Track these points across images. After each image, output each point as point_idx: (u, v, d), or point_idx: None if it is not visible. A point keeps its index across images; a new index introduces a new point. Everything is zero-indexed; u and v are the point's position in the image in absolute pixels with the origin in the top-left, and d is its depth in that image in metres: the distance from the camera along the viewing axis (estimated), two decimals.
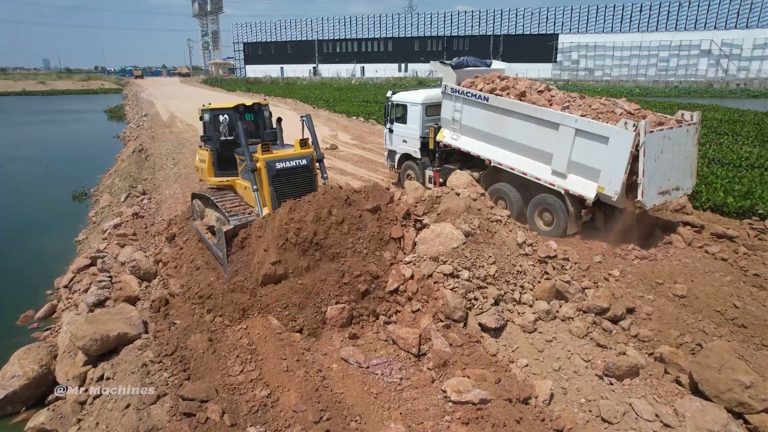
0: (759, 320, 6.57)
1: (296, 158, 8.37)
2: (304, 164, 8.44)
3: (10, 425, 5.81)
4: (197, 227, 9.43)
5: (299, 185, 8.39)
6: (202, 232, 9.05)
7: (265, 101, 10.17)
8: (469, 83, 11.19)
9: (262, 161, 8.06)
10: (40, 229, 13.27)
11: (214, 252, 8.30)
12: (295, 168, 8.34)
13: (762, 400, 5.16)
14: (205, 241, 8.86)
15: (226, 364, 5.76)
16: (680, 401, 5.50)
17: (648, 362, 6.15)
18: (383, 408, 5.14)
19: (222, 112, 9.38)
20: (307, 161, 8.47)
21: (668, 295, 7.34)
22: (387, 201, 7.73)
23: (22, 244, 12.14)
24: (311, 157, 8.59)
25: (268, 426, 4.86)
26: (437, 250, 7.10)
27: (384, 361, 5.93)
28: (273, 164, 8.12)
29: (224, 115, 9.32)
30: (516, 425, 4.98)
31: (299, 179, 8.44)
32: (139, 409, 5.05)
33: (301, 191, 8.16)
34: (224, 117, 9.29)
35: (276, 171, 8.13)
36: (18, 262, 10.98)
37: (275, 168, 8.12)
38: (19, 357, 6.14)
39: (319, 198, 7.36)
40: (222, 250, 7.57)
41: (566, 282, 7.17)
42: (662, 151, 8.52)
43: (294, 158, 8.35)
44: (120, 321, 6.39)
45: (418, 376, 5.68)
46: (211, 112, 9.46)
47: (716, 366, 5.46)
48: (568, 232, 9.22)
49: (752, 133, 21.84)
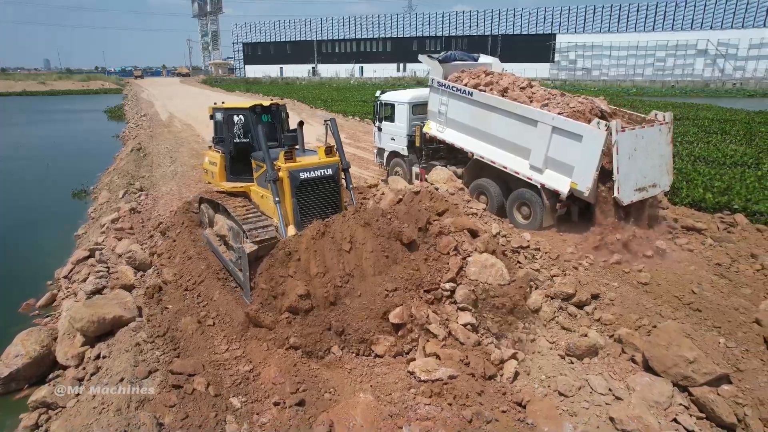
0: (712, 305, 7.02)
1: (321, 167, 7.67)
2: (330, 174, 7.76)
3: (14, 400, 6.27)
4: (208, 237, 8.95)
5: (324, 197, 7.78)
6: (215, 244, 8.58)
7: (282, 101, 9.53)
8: (455, 77, 11.59)
9: (284, 170, 7.36)
10: (41, 225, 13.75)
11: (231, 269, 7.84)
12: (319, 178, 7.65)
13: (704, 374, 5.60)
14: (218, 255, 8.38)
15: (213, 344, 6.24)
16: (632, 377, 5.94)
17: (607, 343, 6.60)
18: (356, 381, 5.60)
19: (237, 112, 8.62)
20: (332, 171, 7.80)
21: (633, 283, 7.79)
22: (424, 223, 7.24)
23: (24, 239, 12.62)
24: (337, 167, 7.91)
25: (249, 396, 5.32)
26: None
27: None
28: (297, 174, 7.43)
29: (239, 115, 8.56)
30: (477, 397, 5.43)
31: (324, 190, 7.79)
32: (132, 383, 5.51)
33: (326, 203, 7.77)
34: (239, 118, 8.54)
35: (300, 182, 7.45)
36: (20, 256, 11.47)
37: (299, 178, 7.44)
38: (21, 338, 6.60)
39: (346, 229, 6.78)
40: (244, 273, 6.98)
41: (536, 270, 7.62)
42: (636, 150, 8.94)
43: (319, 167, 7.66)
44: (116, 305, 6.87)
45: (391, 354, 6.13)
46: (225, 112, 8.78)
47: (665, 344, 5.90)
48: (544, 225, 9.66)
49: (741, 132, 22.24)
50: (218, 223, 8.63)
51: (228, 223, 8.22)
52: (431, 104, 11.92)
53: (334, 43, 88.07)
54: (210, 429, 4.93)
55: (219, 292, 7.30)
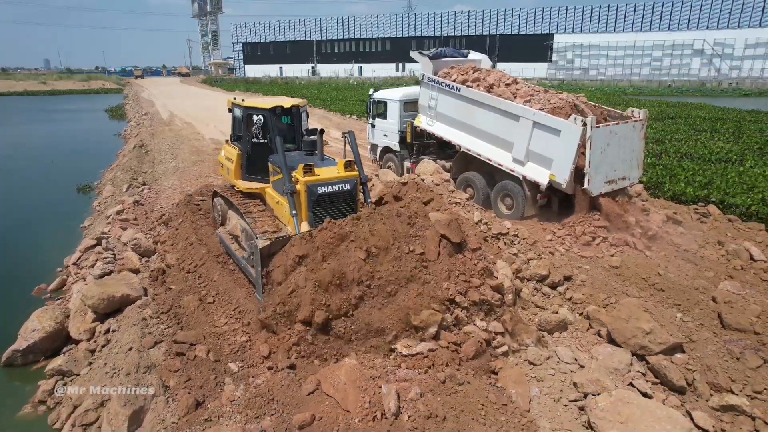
0: (675, 285, 7.58)
1: (340, 182, 7.53)
2: (348, 189, 7.62)
3: (32, 371, 6.85)
4: (221, 236, 8.91)
5: (341, 212, 7.53)
6: (228, 242, 8.56)
7: (302, 102, 9.14)
8: (445, 73, 12.16)
9: (302, 183, 7.23)
10: (49, 218, 14.34)
11: (243, 267, 7.80)
12: (338, 193, 7.53)
13: (659, 344, 6.17)
14: (232, 254, 8.36)
15: (213, 319, 6.81)
16: (596, 348, 6.51)
17: (576, 319, 7.17)
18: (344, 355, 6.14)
19: (257, 111, 8.48)
20: (350, 186, 7.65)
21: (604, 266, 8.35)
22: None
23: (33, 231, 13.22)
24: (355, 182, 7.77)
25: (245, 362, 5.89)
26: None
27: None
28: (315, 188, 7.29)
29: (259, 116, 8.42)
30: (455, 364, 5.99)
31: (341, 205, 7.63)
32: (140, 351, 6.08)
33: (343, 218, 7.17)
34: (258, 118, 8.40)
35: (317, 196, 7.34)
36: (30, 246, 12.04)
37: (317, 193, 7.32)
38: (38, 315, 7.18)
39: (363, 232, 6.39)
40: (257, 269, 6.72)
41: (513, 254, 8.19)
42: (609, 145, 9.50)
43: (338, 182, 7.51)
44: (124, 285, 7.45)
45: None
46: (245, 110, 8.66)
47: (625, 318, 6.47)
48: (526, 215, 10.22)
49: (730, 130, 22.73)
50: (231, 221, 8.70)
51: (242, 224, 8.22)
52: (422, 99, 12.48)
53: (334, 43, 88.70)
54: (210, 389, 5.50)
55: (218, 274, 7.87)
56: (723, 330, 6.63)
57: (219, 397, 5.40)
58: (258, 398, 5.26)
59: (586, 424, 5.32)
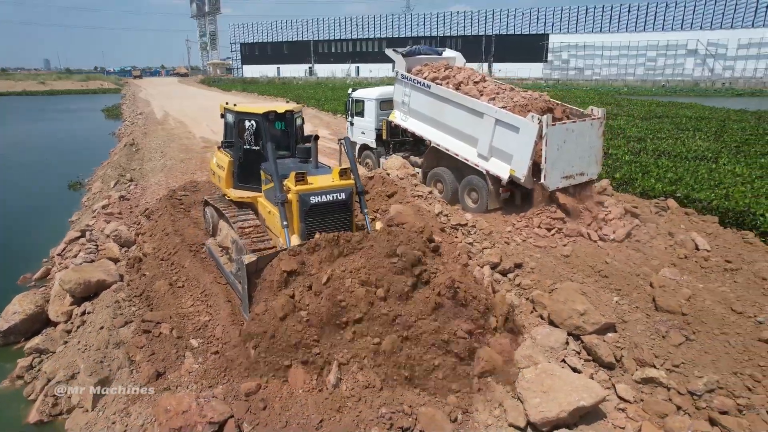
0: (618, 272, 8.06)
1: (334, 191, 7.14)
2: (343, 199, 7.24)
3: (12, 351, 7.36)
4: (210, 247, 8.68)
5: (335, 223, 7.25)
6: (217, 254, 8.34)
7: (297, 107, 8.68)
8: (418, 71, 12.63)
9: (294, 193, 6.89)
10: (39, 212, 14.89)
11: (231, 281, 7.58)
12: (331, 203, 7.15)
13: (592, 324, 6.65)
14: (220, 267, 8.13)
15: (181, 301, 7.30)
16: (536, 328, 6.99)
17: (521, 303, 7.65)
18: None
19: (249, 117, 8.10)
20: (346, 195, 7.26)
21: (556, 255, 8.83)
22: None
23: (23, 224, 13.76)
24: (351, 191, 7.36)
25: (205, 339, 6.39)
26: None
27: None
28: (307, 198, 6.95)
29: (251, 121, 8.07)
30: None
31: (335, 216, 7.27)
32: (110, 330, 6.59)
33: (337, 229, 6.97)
34: (251, 123, 8.06)
35: (310, 206, 7.00)
36: (19, 238, 12.59)
37: (309, 203, 6.98)
38: (18, 299, 7.69)
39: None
40: (243, 285, 6.40)
41: (469, 243, 8.68)
42: (565, 142, 9.96)
43: (332, 191, 7.13)
44: (100, 271, 7.96)
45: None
46: (236, 116, 8.28)
47: (563, 300, 6.96)
48: (490, 208, 10.69)
49: (713, 129, 23.10)
50: (222, 231, 8.46)
51: (233, 236, 7.93)
52: (396, 95, 12.95)
53: (331, 43, 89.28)
54: (171, 362, 6.00)
55: (189, 261, 8.35)
56: (656, 312, 7.11)
57: (179, 368, 5.90)
58: (213, 370, 5.76)
59: (514, 396, 5.80)
